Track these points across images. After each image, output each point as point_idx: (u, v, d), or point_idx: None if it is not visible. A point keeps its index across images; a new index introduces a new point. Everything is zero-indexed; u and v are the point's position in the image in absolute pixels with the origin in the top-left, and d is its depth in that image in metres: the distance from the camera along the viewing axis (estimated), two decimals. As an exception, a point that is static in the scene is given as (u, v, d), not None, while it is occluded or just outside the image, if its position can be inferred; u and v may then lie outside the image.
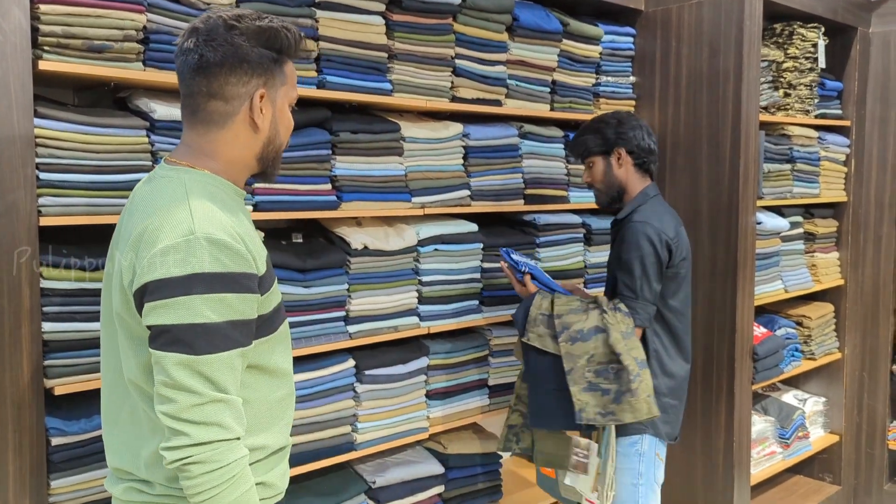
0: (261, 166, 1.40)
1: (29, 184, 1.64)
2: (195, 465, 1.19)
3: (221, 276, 1.20)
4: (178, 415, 1.19)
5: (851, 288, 3.69)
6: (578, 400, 2.09)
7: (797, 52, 3.23)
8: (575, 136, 2.37)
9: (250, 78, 1.31)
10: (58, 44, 1.69)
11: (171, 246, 1.19)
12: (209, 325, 1.19)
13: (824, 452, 3.72)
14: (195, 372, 1.19)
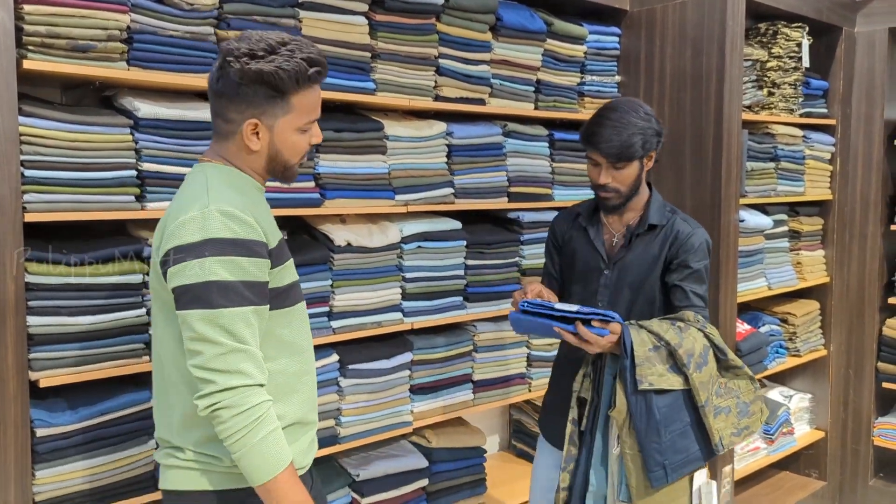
0: (271, 174, 1.54)
1: (14, 181, 1.67)
2: (223, 409, 1.34)
3: (232, 241, 1.37)
4: (204, 365, 1.35)
5: (837, 285, 3.72)
6: (716, 430, 1.84)
7: (781, 51, 3.26)
8: (608, 135, 1.94)
9: (245, 108, 1.45)
10: (42, 43, 1.72)
11: (188, 218, 1.37)
12: (223, 283, 1.35)
13: (810, 448, 3.76)
14: (215, 325, 1.34)
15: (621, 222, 2.09)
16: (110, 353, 1.87)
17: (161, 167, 1.92)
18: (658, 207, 2.06)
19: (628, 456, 1.81)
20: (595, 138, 1.96)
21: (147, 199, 1.90)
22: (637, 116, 1.96)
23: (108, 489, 1.88)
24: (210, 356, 1.34)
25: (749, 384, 1.94)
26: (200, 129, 1.98)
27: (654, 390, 1.79)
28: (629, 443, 1.81)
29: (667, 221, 2.04)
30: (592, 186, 2.04)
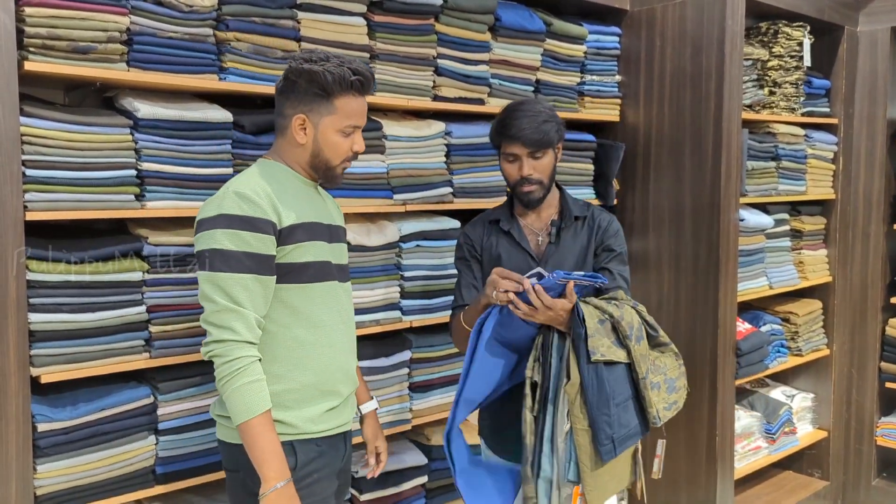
0: (315, 172, 1.78)
1: (15, 180, 1.70)
2: (215, 358, 1.60)
3: (239, 217, 1.60)
4: (206, 318, 1.62)
5: (840, 285, 3.71)
6: (650, 402, 1.89)
7: (782, 50, 3.26)
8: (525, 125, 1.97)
9: (295, 104, 1.71)
10: (43, 45, 1.75)
11: (211, 198, 1.67)
12: (226, 251, 1.59)
13: (813, 448, 3.75)
14: (215, 286, 1.60)
15: (540, 220, 2.10)
16: (110, 349, 1.90)
17: (160, 167, 1.94)
18: (573, 201, 2.14)
19: (578, 431, 1.82)
20: (512, 130, 1.98)
21: (146, 198, 1.93)
22: (543, 107, 2.02)
23: (108, 484, 1.91)
24: (209, 311, 1.61)
25: (675, 360, 1.99)
26: (199, 129, 2.00)
27: (605, 361, 1.82)
28: (580, 418, 1.82)
29: (587, 212, 2.11)
30: (512, 185, 2.05)
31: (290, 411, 1.69)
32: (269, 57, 2.11)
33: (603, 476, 1.87)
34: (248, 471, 1.65)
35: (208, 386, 2.07)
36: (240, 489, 1.72)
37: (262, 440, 1.59)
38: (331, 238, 1.78)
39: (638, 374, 1.86)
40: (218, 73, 2.05)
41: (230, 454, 1.73)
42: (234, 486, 1.75)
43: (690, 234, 2.93)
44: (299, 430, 1.70)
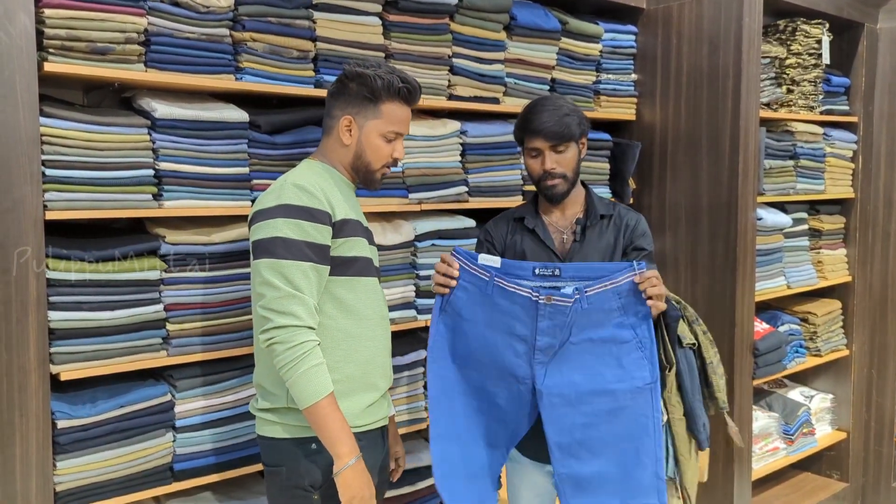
0: (356, 174, 1.84)
1: (35, 180, 1.72)
2: (277, 344, 1.62)
3: (299, 207, 1.66)
4: (266, 305, 1.64)
5: (859, 285, 3.68)
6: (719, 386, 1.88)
7: (800, 48, 3.24)
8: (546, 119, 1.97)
9: (345, 105, 1.79)
10: (62, 46, 1.77)
11: (269, 189, 1.73)
12: (288, 240, 1.64)
13: (832, 449, 3.72)
14: (277, 272, 1.63)
15: (565, 219, 2.09)
16: (129, 347, 1.92)
17: (177, 166, 1.96)
18: (600, 199, 2.12)
19: (675, 421, 1.81)
20: (533, 124, 1.99)
21: (164, 198, 1.95)
22: (564, 102, 2.04)
23: (127, 480, 1.93)
24: (270, 298, 1.63)
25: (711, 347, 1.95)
26: (215, 129, 2.02)
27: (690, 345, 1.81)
28: (676, 406, 1.80)
29: (613, 211, 2.09)
30: (536, 180, 2.05)
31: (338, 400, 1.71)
32: (284, 57, 2.12)
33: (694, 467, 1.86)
34: (292, 465, 1.71)
35: (225, 384, 2.08)
36: (282, 484, 1.74)
37: (331, 420, 1.64)
38: (369, 238, 1.85)
39: (705, 360, 1.85)
40: (234, 74, 2.06)
41: (271, 449, 1.76)
42: (275, 481, 1.76)
43: (707, 233, 2.91)
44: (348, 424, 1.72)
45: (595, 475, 1.82)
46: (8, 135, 1.67)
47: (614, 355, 1.80)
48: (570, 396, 1.82)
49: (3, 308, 1.69)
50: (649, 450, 1.77)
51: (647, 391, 1.77)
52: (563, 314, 1.82)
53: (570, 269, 1.85)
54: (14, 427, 1.71)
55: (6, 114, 1.66)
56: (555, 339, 1.84)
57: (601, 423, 1.82)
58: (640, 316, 1.79)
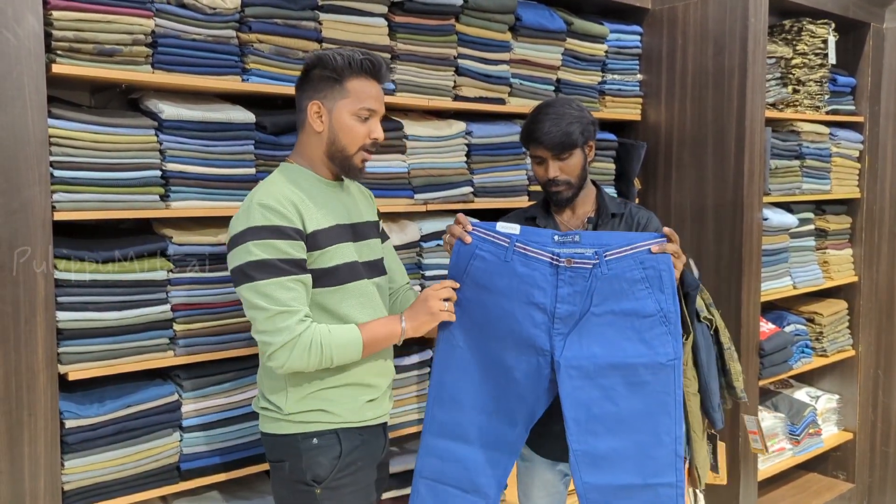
0: (333, 163, 1.77)
1: (43, 181, 1.73)
2: (293, 361, 1.63)
3: (267, 227, 1.62)
4: (259, 329, 1.64)
5: (866, 285, 3.67)
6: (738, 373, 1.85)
7: (806, 48, 3.23)
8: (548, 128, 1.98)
9: (311, 92, 1.73)
10: (70, 48, 1.78)
11: (237, 213, 1.68)
12: (261, 261, 1.61)
13: (838, 450, 3.71)
14: (259, 294, 1.61)
15: (576, 218, 2.09)
16: (136, 347, 1.93)
17: (184, 167, 1.97)
18: (611, 198, 2.12)
19: (689, 396, 1.76)
20: (536, 134, 2.00)
21: (171, 199, 1.96)
22: (570, 108, 2.03)
23: (134, 479, 1.94)
24: (261, 320, 1.62)
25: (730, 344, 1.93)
26: (222, 130, 2.03)
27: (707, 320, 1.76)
28: (691, 381, 1.76)
29: (624, 210, 2.08)
30: (542, 185, 2.07)
31: (332, 403, 1.74)
32: (290, 58, 2.13)
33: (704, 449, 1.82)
34: (294, 461, 1.73)
35: (231, 383, 2.09)
36: (286, 479, 1.75)
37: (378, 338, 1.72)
38: (356, 237, 1.79)
39: (723, 345, 1.82)
40: (240, 75, 2.07)
41: (274, 445, 1.77)
42: (279, 477, 1.78)
43: (713, 233, 2.91)
44: (343, 419, 1.75)
45: (612, 452, 1.77)
46: (16, 136, 1.68)
47: (636, 329, 1.75)
48: (588, 369, 1.76)
49: (12, 308, 1.70)
50: (669, 428, 1.72)
51: (670, 368, 1.72)
52: (583, 278, 1.77)
53: (590, 236, 1.82)
54: (23, 426, 1.72)
55: (14, 115, 1.67)
56: (575, 306, 1.78)
57: (619, 399, 1.76)
58: (666, 290, 1.74)
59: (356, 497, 1.77)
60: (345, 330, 1.69)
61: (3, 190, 1.67)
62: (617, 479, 1.75)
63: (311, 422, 1.72)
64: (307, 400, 1.72)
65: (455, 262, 1.86)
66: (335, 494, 1.73)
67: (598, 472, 1.78)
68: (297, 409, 1.73)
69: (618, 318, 1.76)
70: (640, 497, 1.75)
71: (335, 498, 1.73)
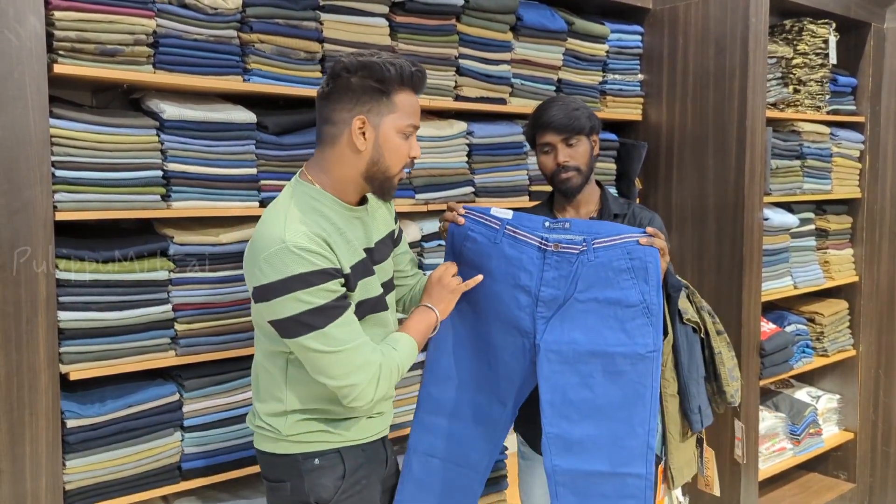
0: (370, 185, 1.61)
1: (45, 181, 1.73)
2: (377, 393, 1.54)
3: (314, 273, 1.48)
4: (334, 373, 1.51)
5: (866, 285, 3.67)
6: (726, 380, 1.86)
7: (807, 48, 3.23)
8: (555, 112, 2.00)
9: (354, 105, 1.53)
10: (72, 48, 1.78)
11: (270, 255, 1.48)
12: (320, 308, 1.49)
13: (839, 450, 3.71)
14: (328, 339, 1.49)
15: (578, 216, 2.09)
16: (137, 347, 1.93)
17: (186, 167, 1.97)
18: (614, 198, 2.12)
19: (667, 397, 1.77)
20: (543, 119, 2.01)
21: (172, 199, 1.96)
22: (573, 99, 2.06)
23: (135, 479, 1.94)
24: (334, 364, 1.51)
25: (729, 350, 1.94)
26: (223, 130, 2.03)
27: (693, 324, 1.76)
28: (670, 382, 1.77)
29: (627, 210, 2.09)
30: (550, 177, 2.05)
31: (337, 424, 1.65)
32: (292, 58, 2.13)
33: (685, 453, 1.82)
34: (296, 482, 1.62)
35: (233, 383, 2.09)
36: (287, 500, 1.65)
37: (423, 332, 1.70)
38: (374, 261, 1.68)
39: (713, 350, 1.82)
40: (242, 75, 2.07)
41: (272, 465, 1.67)
42: (279, 497, 1.67)
43: (714, 233, 2.91)
44: (344, 438, 1.66)
45: (584, 438, 1.77)
46: (18, 136, 1.68)
47: (619, 319, 1.75)
48: (567, 354, 1.77)
49: (14, 308, 1.70)
50: (643, 419, 1.73)
51: (649, 360, 1.72)
52: (569, 263, 1.77)
53: (580, 224, 1.82)
54: (24, 426, 1.72)
55: (16, 115, 1.67)
56: (559, 290, 1.78)
57: (596, 386, 1.77)
58: (651, 281, 1.74)
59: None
60: (402, 343, 1.63)
61: (5, 190, 1.67)
62: (587, 465, 1.75)
63: (312, 441, 1.63)
64: (307, 422, 1.63)
65: (450, 244, 1.88)
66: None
67: (569, 457, 1.79)
68: (296, 431, 1.62)
69: (601, 306, 1.76)
70: (607, 484, 1.75)
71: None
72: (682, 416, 1.79)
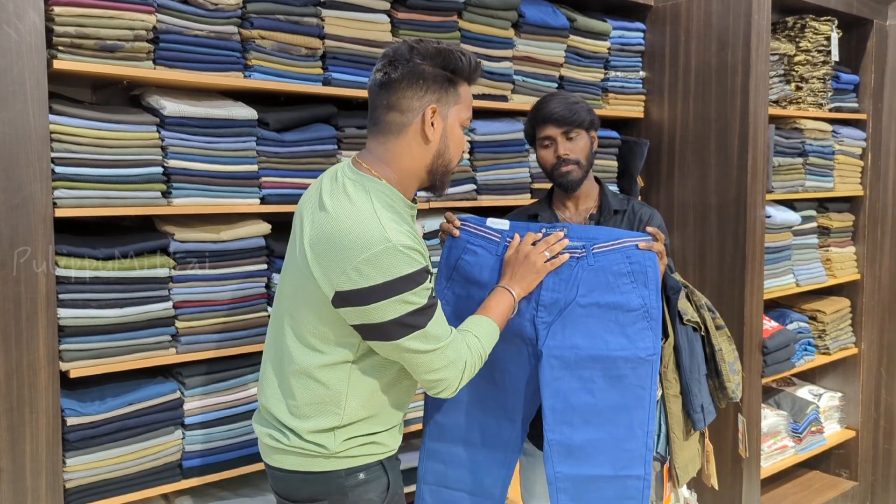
0: (430, 178, 1.56)
1: (45, 177, 1.72)
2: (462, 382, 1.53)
3: (417, 273, 1.43)
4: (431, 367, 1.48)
5: (868, 282, 3.66)
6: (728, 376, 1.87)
7: (809, 45, 3.22)
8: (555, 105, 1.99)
9: (424, 93, 1.48)
10: (71, 44, 1.77)
11: (374, 255, 1.39)
12: (420, 308, 1.45)
13: (840, 448, 3.70)
14: (429, 338, 1.46)
15: (578, 214, 2.09)
16: (137, 345, 1.92)
17: (186, 164, 1.96)
18: (613, 195, 2.11)
19: (670, 398, 1.79)
20: (543, 112, 1.99)
21: (173, 195, 1.95)
22: (572, 95, 2.05)
23: (136, 477, 1.93)
24: (431, 361, 1.48)
25: (730, 344, 1.95)
26: (224, 127, 2.02)
27: (693, 326, 1.78)
28: (672, 382, 1.78)
29: (626, 206, 2.08)
30: (549, 171, 2.04)
31: (384, 434, 1.59)
32: (293, 54, 2.12)
33: (689, 450, 1.84)
34: (337, 498, 1.53)
35: (234, 381, 2.08)
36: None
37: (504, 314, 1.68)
38: None
39: (714, 346, 1.83)
40: (243, 71, 2.06)
41: (306, 483, 1.54)
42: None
43: (716, 231, 2.90)
44: (388, 448, 1.60)
45: (586, 443, 1.78)
46: (18, 132, 1.67)
47: (620, 323, 1.76)
48: (569, 359, 1.77)
49: (13, 306, 1.69)
50: (642, 421, 1.74)
51: (649, 363, 1.74)
52: (569, 267, 1.78)
53: (578, 230, 1.83)
54: (24, 424, 1.72)
55: (16, 111, 1.66)
56: (559, 294, 1.78)
57: (597, 390, 1.77)
58: (650, 285, 1.75)
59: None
60: (485, 330, 1.61)
61: (4, 187, 1.66)
62: (589, 470, 1.76)
63: (360, 455, 1.54)
64: (358, 436, 1.54)
65: (445, 258, 1.87)
66: None
67: (572, 463, 1.80)
68: (346, 447, 1.52)
69: (602, 311, 1.77)
70: (609, 487, 1.76)
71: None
72: (685, 415, 1.79)
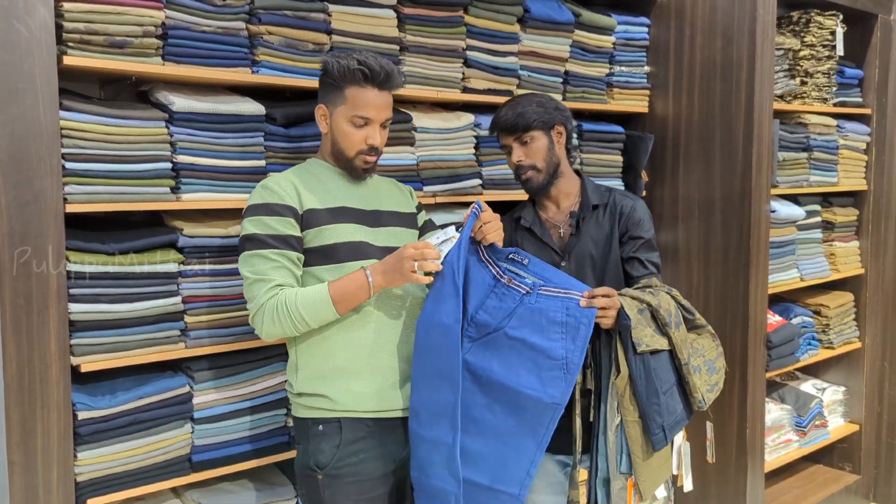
0: (336, 162, 1.87)
1: (55, 173, 1.73)
2: (266, 327, 1.74)
3: (261, 205, 1.76)
4: (245, 295, 1.78)
5: (872, 277, 3.66)
6: (696, 386, 1.91)
7: (814, 39, 3.22)
8: (504, 112, 2.05)
9: (321, 96, 1.85)
10: (81, 40, 1.78)
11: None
12: (250, 235, 1.75)
13: (844, 442, 3.71)
14: (245, 264, 1.76)
15: (561, 212, 2.11)
16: (148, 339, 1.93)
17: (195, 159, 1.97)
18: (594, 188, 2.13)
19: (629, 423, 1.82)
20: (494, 122, 2.08)
21: (181, 191, 1.96)
22: (532, 97, 2.09)
23: (146, 471, 1.94)
24: (245, 288, 1.77)
25: (712, 341, 1.99)
26: (232, 122, 2.03)
27: (650, 351, 1.82)
28: (630, 409, 1.82)
29: (608, 199, 2.10)
30: (515, 177, 2.10)
31: (334, 385, 1.77)
32: (300, 50, 2.12)
33: (653, 465, 1.87)
34: (304, 445, 1.82)
35: (242, 375, 2.09)
36: (299, 463, 1.85)
37: (347, 289, 1.74)
38: (372, 222, 1.86)
39: (680, 360, 1.87)
40: (250, 67, 2.07)
41: (295, 429, 1.90)
42: (297, 459, 1.87)
43: (720, 225, 2.91)
44: (345, 408, 1.78)
45: (475, 452, 1.81)
46: (28, 128, 1.68)
47: (538, 365, 1.79)
48: (481, 377, 1.81)
49: (24, 301, 1.70)
50: (529, 451, 1.78)
51: (551, 409, 1.77)
52: (512, 300, 1.82)
53: (538, 266, 1.87)
54: (36, 418, 1.73)
55: (26, 107, 1.67)
56: (493, 319, 1.82)
57: (498, 413, 1.81)
58: (579, 342, 1.78)
59: (357, 488, 1.78)
60: (312, 289, 1.73)
61: (15, 182, 1.67)
62: (470, 475, 1.79)
63: (317, 408, 1.79)
64: (313, 382, 1.79)
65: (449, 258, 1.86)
66: (335, 482, 1.77)
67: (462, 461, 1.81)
68: (304, 390, 1.81)
69: (526, 349, 1.80)
70: (482, 496, 1.80)
71: (335, 486, 1.77)
72: (645, 437, 1.83)
